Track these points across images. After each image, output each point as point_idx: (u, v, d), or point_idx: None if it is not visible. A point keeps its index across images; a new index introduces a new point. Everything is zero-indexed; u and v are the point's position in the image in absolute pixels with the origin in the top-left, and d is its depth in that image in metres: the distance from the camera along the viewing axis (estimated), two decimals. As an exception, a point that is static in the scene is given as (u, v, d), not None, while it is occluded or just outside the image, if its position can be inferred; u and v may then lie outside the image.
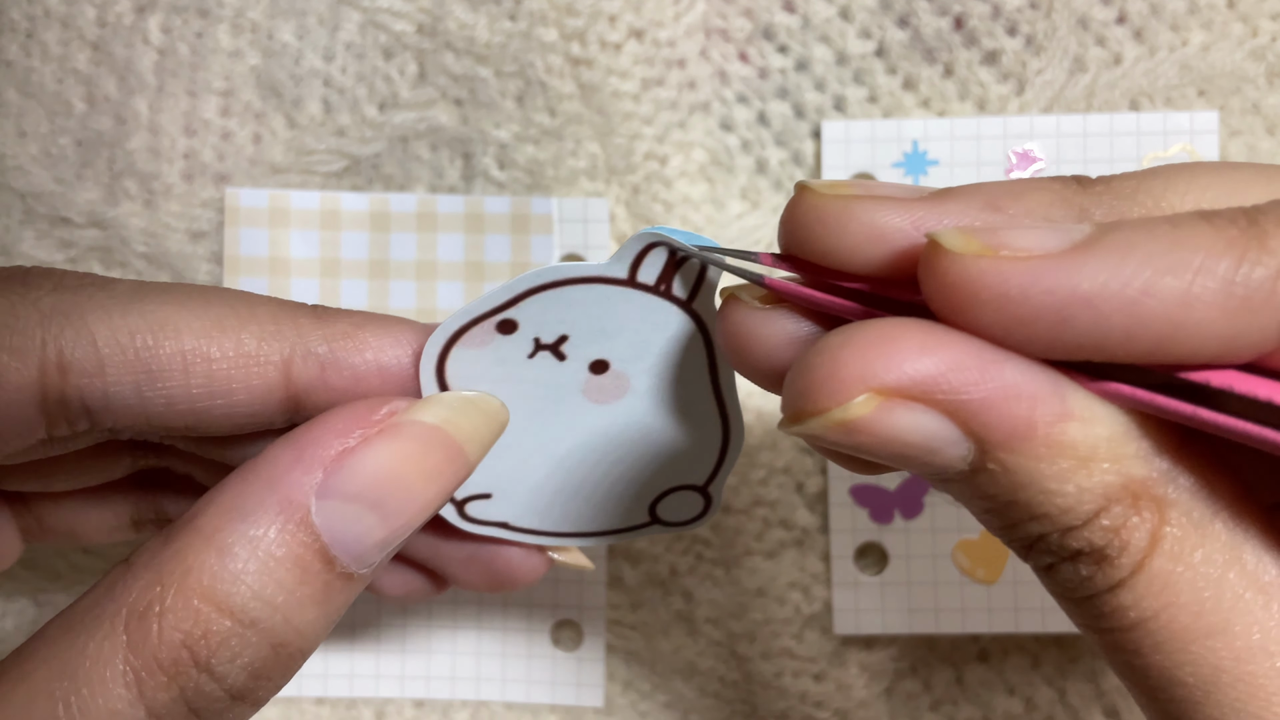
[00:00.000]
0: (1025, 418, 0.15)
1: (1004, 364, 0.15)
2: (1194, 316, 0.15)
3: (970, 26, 0.32)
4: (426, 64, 0.32)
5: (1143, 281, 0.15)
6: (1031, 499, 0.16)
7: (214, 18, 0.32)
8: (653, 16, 0.32)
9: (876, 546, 0.33)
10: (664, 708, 0.33)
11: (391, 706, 0.33)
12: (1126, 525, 0.16)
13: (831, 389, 0.16)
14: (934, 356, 0.15)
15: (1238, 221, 0.15)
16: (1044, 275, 0.15)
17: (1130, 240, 0.15)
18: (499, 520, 0.25)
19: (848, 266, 0.17)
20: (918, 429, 0.16)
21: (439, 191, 0.33)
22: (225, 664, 0.19)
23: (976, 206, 0.17)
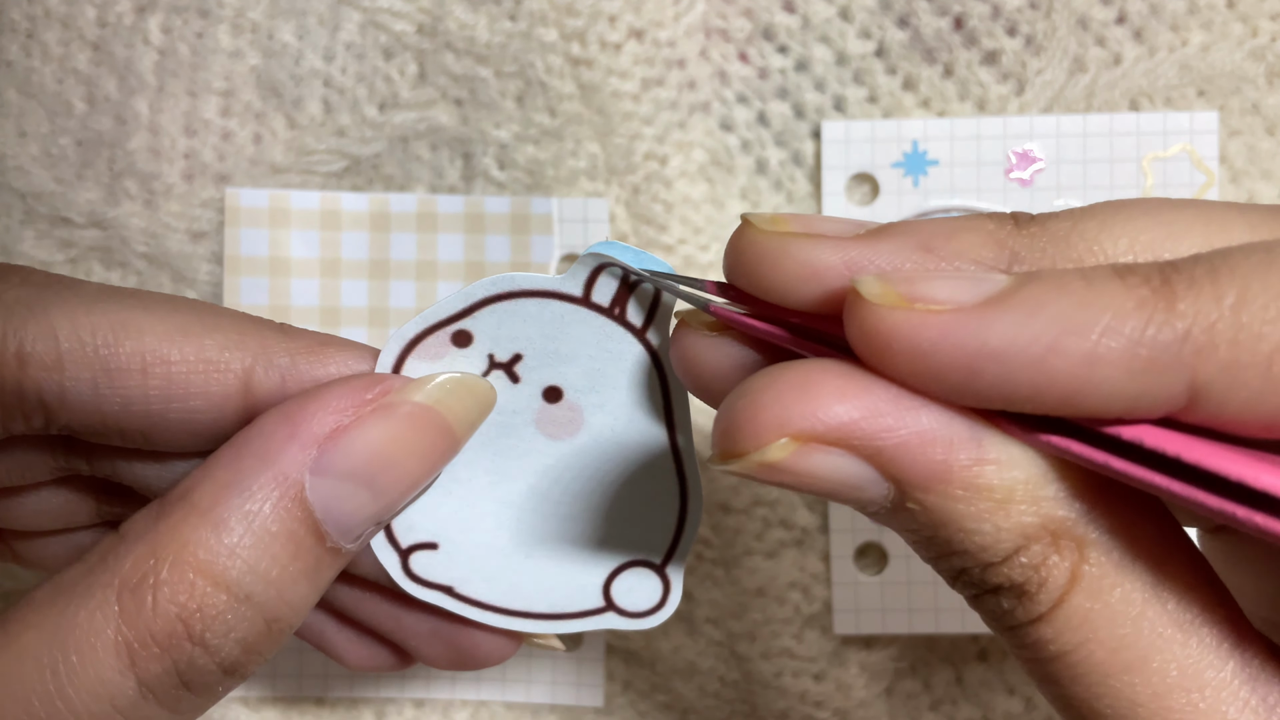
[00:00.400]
0: (941, 462, 0.16)
1: (920, 410, 0.16)
2: (1099, 375, 0.15)
3: (970, 27, 0.32)
4: (427, 64, 0.32)
5: (1049, 340, 0.15)
6: (951, 536, 0.16)
7: (214, 18, 0.33)
8: (653, 17, 0.32)
9: (876, 546, 0.33)
10: (664, 707, 0.33)
11: (392, 706, 0.33)
12: (1045, 563, 0.16)
13: (751, 433, 0.16)
14: (850, 403, 0.16)
15: (1151, 280, 0.15)
16: (955, 330, 0.15)
17: (1040, 297, 0.15)
18: (444, 583, 0.23)
19: (784, 302, 0.18)
20: (836, 471, 0.16)
21: (439, 192, 0.33)
22: (219, 638, 0.19)
23: (909, 247, 0.17)
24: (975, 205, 0.32)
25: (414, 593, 0.23)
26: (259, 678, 0.33)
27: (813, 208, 0.33)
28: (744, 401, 0.16)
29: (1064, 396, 0.15)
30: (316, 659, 0.33)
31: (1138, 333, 0.15)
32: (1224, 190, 0.32)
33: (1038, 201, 0.32)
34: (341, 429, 0.20)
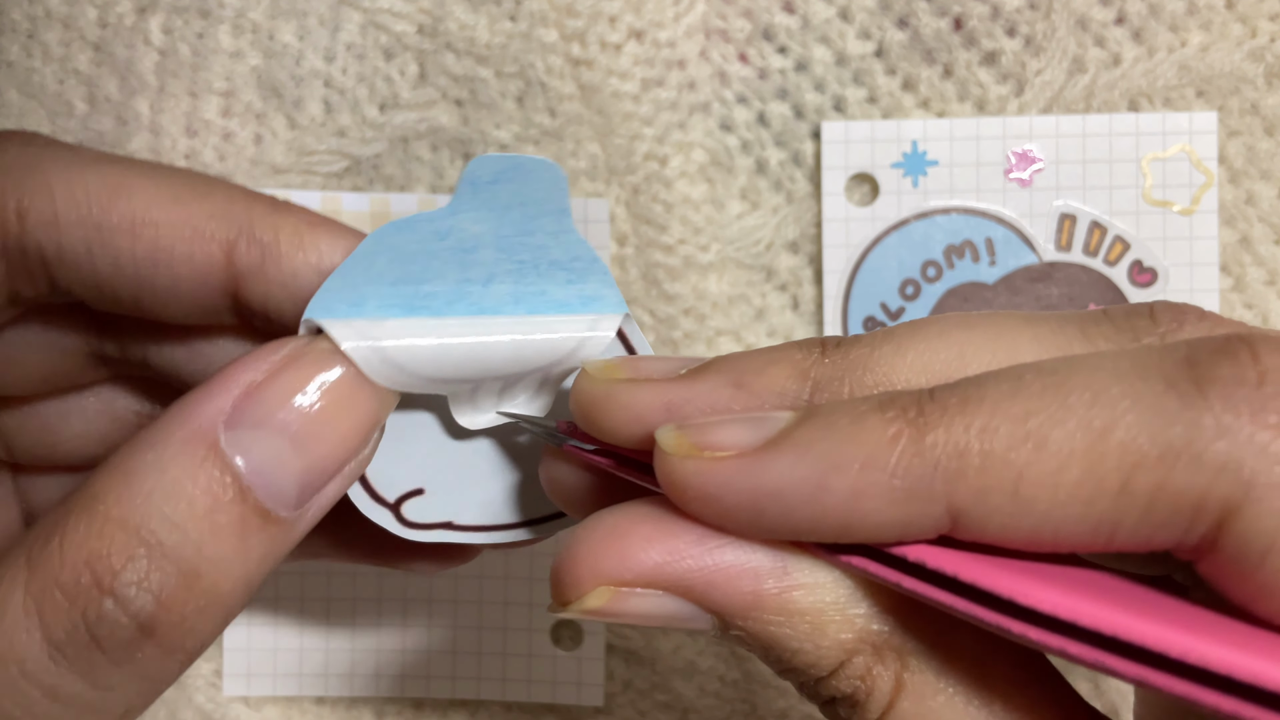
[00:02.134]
0: (750, 593, 0.17)
1: (724, 547, 0.17)
2: (866, 507, 0.16)
3: (969, 27, 0.32)
4: (427, 65, 0.32)
5: (817, 479, 0.16)
6: (779, 656, 0.17)
7: (215, 18, 0.33)
8: (653, 17, 0.32)
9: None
10: (664, 707, 0.33)
11: (391, 705, 0.33)
12: (870, 674, 0.17)
13: (571, 583, 0.17)
14: (657, 547, 0.17)
15: (908, 411, 0.16)
16: (737, 475, 0.17)
17: (809, 436, 0.16)
18: (441, 521, 0.24)
19: (616, 443, 0.19)
20: (658, 609, 0.17)
21: (440, 192, 0.33)
22: (129, 587, 0.18)
23: (722, 385, 0.18)
24: (975, 205, 0.32)
25: (415, 537, 0.24)
26: (260, 677, 0.33)
27: (813, 208, 0.33)
28: (564, 554, 0.18)
29: (839, 528, 0.16)
30: (317, 658, 0.33)
31: (893, 466, 0.16)
32: (1223, 190, 0.32)
33: (1037, 201, 0.32)
34: (255, 384, 0.19)
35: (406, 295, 0.22)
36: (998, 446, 0.15)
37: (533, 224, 0.23)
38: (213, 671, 0.33)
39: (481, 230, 0.23)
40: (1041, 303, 0.32)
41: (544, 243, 0.24)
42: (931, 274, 0.32)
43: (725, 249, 0.33)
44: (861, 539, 0.16)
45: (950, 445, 0.16)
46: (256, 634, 0.33)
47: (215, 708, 0.33)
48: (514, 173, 0.22)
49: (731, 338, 0.33)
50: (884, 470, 0.16)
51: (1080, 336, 0.17)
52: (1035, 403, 0.15)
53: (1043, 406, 0.15)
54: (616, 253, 0.32)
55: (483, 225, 0.23)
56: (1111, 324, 0.17)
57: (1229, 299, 0.32)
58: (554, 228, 0.23)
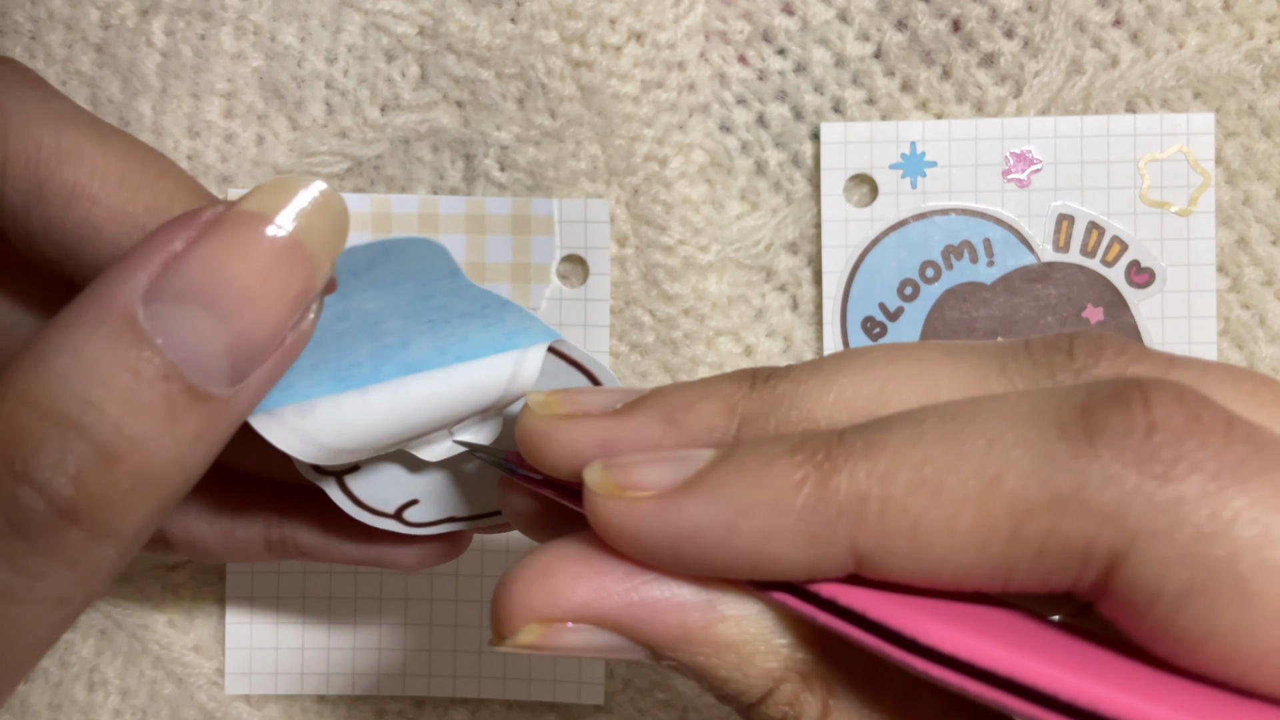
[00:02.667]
0: (678, 626, 0.17)
1: (651, 583, 0.18)
2: (775, 549, 0.16)
3: (968, 29, 0.32)
4: (428, 66, 0.33)
5: (727, 521, 0.17)
6: (712, 684, 0.18)
7: (217, 20, 0.33)
8: (653, 19, 0.33)
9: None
10: (664, 705, 0.33)
11: (392, 704, 0.33)
12: (798, 700, 0.17)
13: (505, 620, 0.18)
14: (585, 584, 0.18)
15: (816, 454, 0.16)
16: (655, 515, 0.17)
17: (722, 479, 0.17)
18: (443, 517, 0.25)
19: (556, 475, 0.20)
20: (591, 642, 0.18)
21: (440, 193, 0.33)
22: (45, 469, 0.17)
23: (655, 420, 0.19)
24: (973, 206, 0.32)
25: (420, 533, 0.25)
26: (261, 675, 0.33)
27: (812, 209, 0.33)
28: (498, 591, 0.18)
29: (751, 567, 0.17)
30: (318, 657, 0.33)
31: (798, 510, 0.16)
32: (1220, 191, 0.32)
33: (1035, 202, 0.32)
34: (174, 254, 0.18)
35: (330, 372, 0.22)
36: (896, 492, 0.16)
37: (428, 289, 0.24)
38: (214, 670, 0.33)
39: (379, 306, 0.23)
40: (1040, 303, 0.32)
41: (447, 301, 0.24)
42: (930, 275, 0.33)
43: (725, 249, 0.33)
44: (774, 578, 0.17)
45: (852, 490, 0.16)
46: (258, 633, 0.33)
47: (217, 706, 0.33)
48: (387, 255, 0.23)
49: (731, 338, 0.33)
50: (789, 514, 0.16)
51: (998, 372, 0.17)
52: (933, 449, 0.16)
53: (940, 453, 0.16)
54: (616, 253, 0.33)
55: (378, 303, 0.23)
56: (1030, 358, 0.17)
57: (1226, 299, 0.33)
58: (451, 287, 0.24)
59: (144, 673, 0.33)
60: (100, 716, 0.33)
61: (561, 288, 0.32)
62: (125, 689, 0.33)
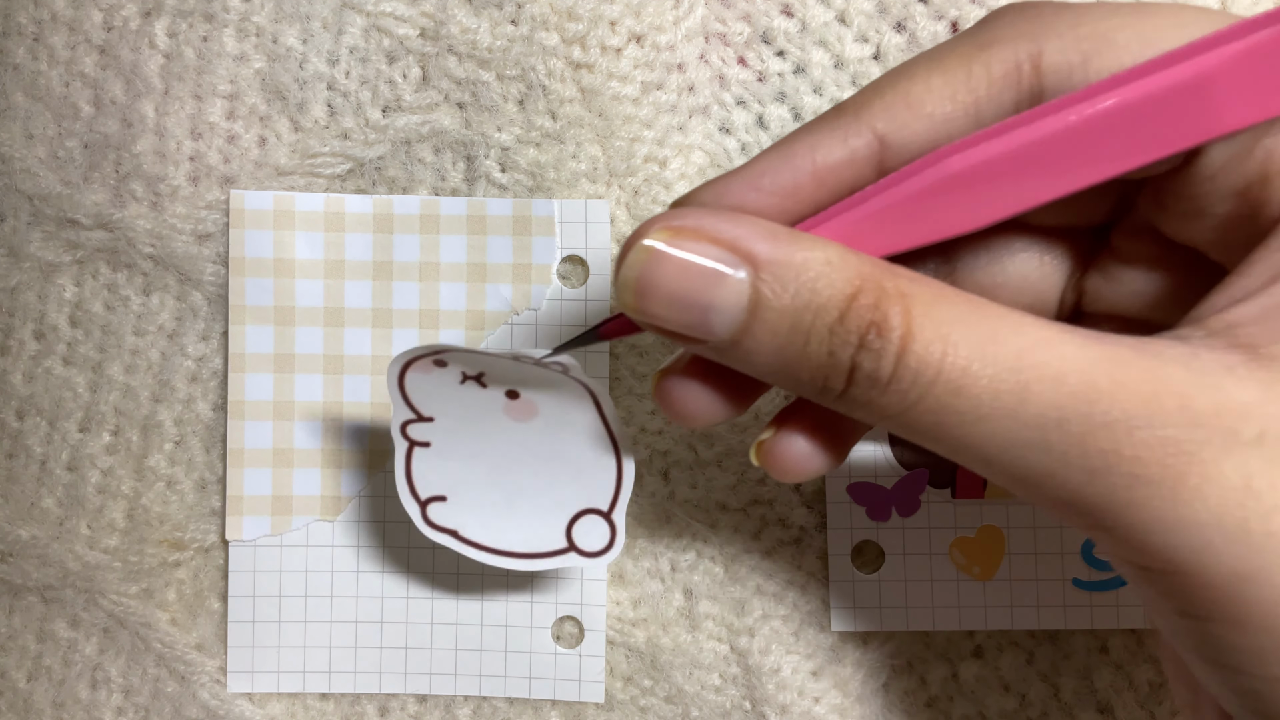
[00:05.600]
0: (772, 237, 0.20)
1: (745, 219, 0.21)
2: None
3: (966, 31, 0.32)
4: (429, 68, 0.33)
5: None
6: (800, 305, 0.20)
7: (219, 22, 0.33)
8: (653, 21, 0.33)
9: (873, 544, 0.33)
10: (665, 702, 0.33)
11: (395, 702, 0.33)
12: (880, 301, 0.20)
13: (638, 235, 0.21)
14: (702, 216, 0.21)
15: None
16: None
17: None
18: (451, 528, 0.30)
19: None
20: (704, 254, 0.20)
21: (442, 194, 0.33)
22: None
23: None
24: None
25: (429, 534, 0.30)
26: (264, 674, 0.33)
27: (811, 210, 0.33)
28: (641, 226, 0.21)
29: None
30: (321, 655, 0.33)
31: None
32: (1216, 192, 0.32)
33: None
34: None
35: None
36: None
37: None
38: (217, 668, 0.33)
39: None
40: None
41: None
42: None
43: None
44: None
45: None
46: (261, 631, 0.33)
47: (220, 704, 0.33)
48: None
49: (731, 338, 0.33)
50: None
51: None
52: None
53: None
54: (617, 254, 0.33)
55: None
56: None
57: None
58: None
59: (147, 671, 0.33)
60: (103, 715, 0.33)
61: (562, 288, 0.33)
62: (128, 687, 0.33)
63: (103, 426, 0.33)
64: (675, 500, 0.33)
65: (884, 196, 0.22)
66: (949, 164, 0.21)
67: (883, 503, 0.33)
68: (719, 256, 0.20)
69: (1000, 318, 0.19)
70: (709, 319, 0.21)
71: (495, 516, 0.30)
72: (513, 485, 0.30)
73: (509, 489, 0.30)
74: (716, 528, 0.33)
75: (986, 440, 0.19)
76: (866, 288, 0.20)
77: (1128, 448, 0.18)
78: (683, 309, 0.21)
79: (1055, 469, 0.19)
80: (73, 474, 0.33)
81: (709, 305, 0.20)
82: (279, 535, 0.33)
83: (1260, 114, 0.20)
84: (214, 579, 0.33)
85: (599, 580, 0.33)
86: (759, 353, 0.21)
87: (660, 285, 0.21)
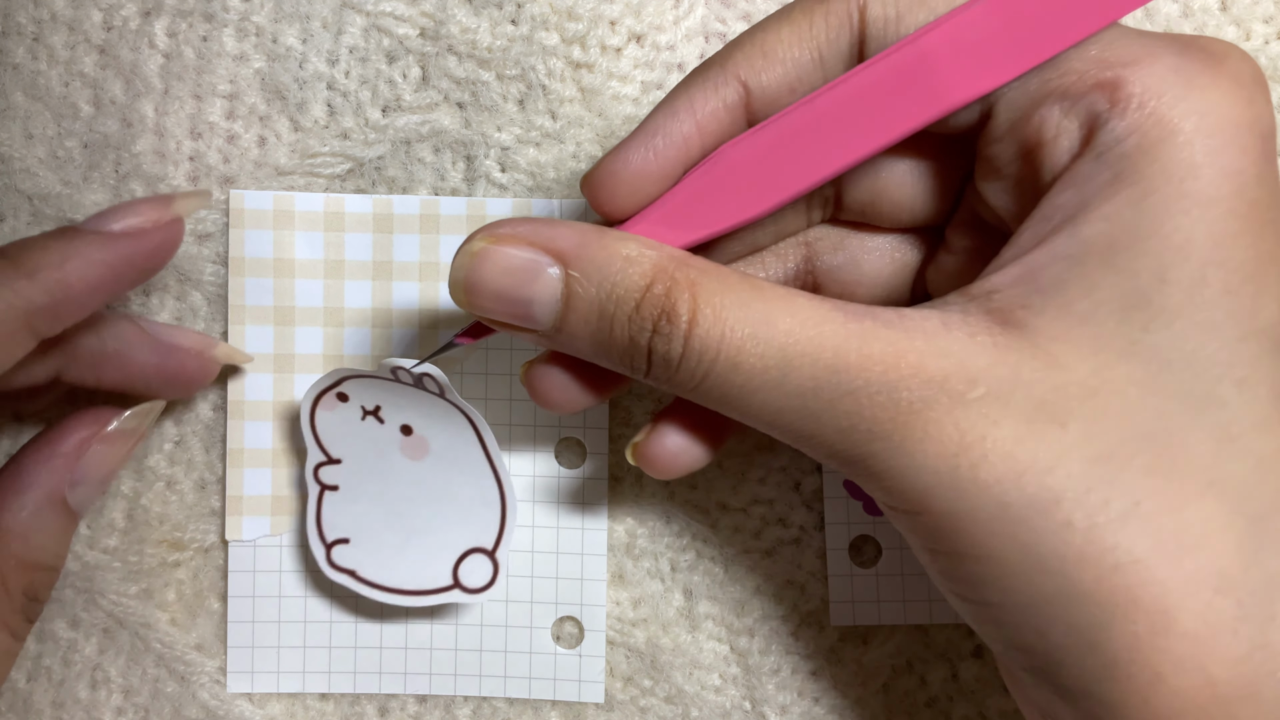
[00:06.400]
0: (580, 236, 0.23)
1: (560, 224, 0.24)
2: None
3: (966, 31, 0.32)
4: (429, 68, 0.33)
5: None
6: (604, 296, 0.23)
7: (219, 22, 0.33)
8: (653, 21, 0.33)
9: (871, 540, 0.33)
10: (665, 702, 0.33)
11: (395, 702, 0.33)
12: (670, 290, 0.23)
13: (466, 242, 0.24)
14: (519, 223, 0.24)
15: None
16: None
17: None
18: (350, 567, 0.32)
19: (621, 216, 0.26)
20: (520, 254, 0.23)
21: (441, 194, 0.33)
22: (44, 591, 0.30)
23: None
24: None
25: (330, 575, 0.32)
26: (264, 674, 0.33)
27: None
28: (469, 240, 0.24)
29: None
30: (321, 655, 0.33)
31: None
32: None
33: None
34: (82, 454, 0.30)
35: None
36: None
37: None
38: (217, 668, 0.33)
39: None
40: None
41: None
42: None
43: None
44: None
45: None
46: (261, 631, 0.33)
47: (219, 704, 0.33)
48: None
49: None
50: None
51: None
52: None
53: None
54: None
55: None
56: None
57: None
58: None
59: (146, 671, 0.33)
60: (103, 715, 0.33)
61: (562, 288, 0.33)
62: (128, 687, 0.33)
63: (102, 426, 0.34)
64: (675, 500, 0.33)
65: (682, 188, 0.25)
66: (727, 155, 0.24)
67: (883, 502, 0.33)
68: (533, 256, 0.23)
69: (774, 300, 0.22)
70: (531, 311, 0.24)
71: (390, 556, 0.32)
72: (408, 526, 0.32)
73: (405, 530, 0.32)
74: (716, 528, 0.33)
75: (761, 408, 0.23)
76: (660, 278, 0.23)
77: (867, 409, 0.22)
78: (507, 303, 0.24)
79: (815, 430, 0.22)
80: (72, 474, 0.33)
81: (530, 299, 0.23)
82: (279, 535, 0.33)
83: (981, 87, 0.23)
84: (213, 579, 0.33)
85: (599, 581, 0.33)
86: (578, 337, 0.24)
87: (485, 283, 0.24)
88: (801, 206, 0.27)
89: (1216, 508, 0.21)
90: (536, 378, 0.26)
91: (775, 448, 0.33)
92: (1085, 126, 0.22)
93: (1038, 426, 0.21)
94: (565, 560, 0.33)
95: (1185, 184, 0.21)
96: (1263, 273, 0.22)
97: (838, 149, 0.24)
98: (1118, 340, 0.22)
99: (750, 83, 0.24)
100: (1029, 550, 0.21)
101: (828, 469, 0.33)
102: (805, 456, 0.33)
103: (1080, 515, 0.21)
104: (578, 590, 0.33)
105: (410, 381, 0.29)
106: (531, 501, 0.33)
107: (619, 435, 0.33)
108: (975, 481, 0.21)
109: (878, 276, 0.28)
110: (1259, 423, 0.22)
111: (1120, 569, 0.21)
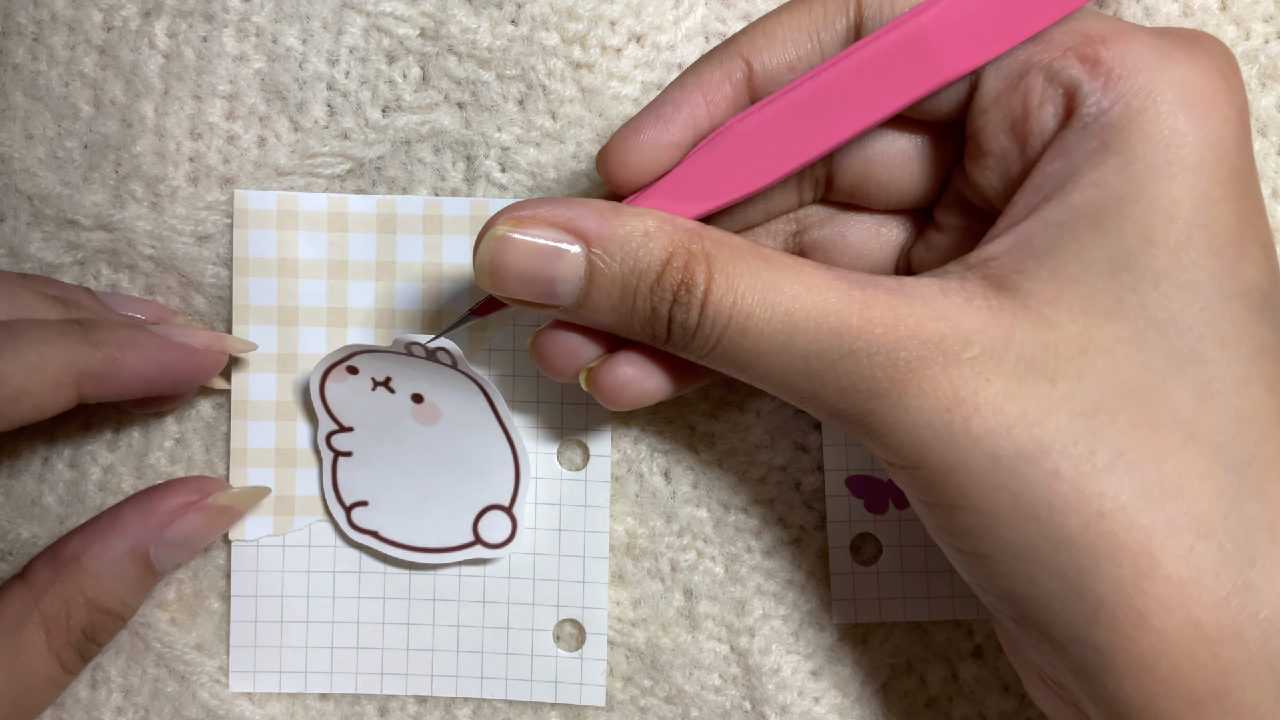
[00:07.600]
0: (600, 215, 0.25)
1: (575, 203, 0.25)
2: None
3: (966, 31, 0.32)
4: (429, 68, 0.33)
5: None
6: (626, 271, 0.24)
7: (219, 22, 0.33)
8: (653, 21, 0.33)
9: (871, 537, 0.33)
10: (666, 703, 0.33)
11: (395, 702, 0.33)
12: (688, 263, 0.24)
13: (487, 227, 0.25)
14: (539, 204, 0.25)
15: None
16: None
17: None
18: (372, 529, 0.33)
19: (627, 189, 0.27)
20: (543, 236, 0.24)
21: (441, 194, 0.33)
22: (103, 636, 0.30)
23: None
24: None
25: (353, 536, 0.33)
26: (265, 674, 0.33)
27: (811, 209, 0.33)
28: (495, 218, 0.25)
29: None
30: (321, 655, 0.33)
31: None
32: (1216, 192, 0.33)
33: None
34: (176, 517, 0.31)
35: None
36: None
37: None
38: (218, 668, 0.33)
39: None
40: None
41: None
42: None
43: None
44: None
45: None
46: (262, 631, 0.33)
47: (220, 704, 0.33)
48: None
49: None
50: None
51: None
52: None
53: None
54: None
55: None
56: None
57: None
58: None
59: (146, 671, 0.33)
60: (103, 714, 0.33)
61: (563, 288, 0.33)
62: (128, 687, 0.33)
63: (104, 424, 0.33)
64: (675, 500, 0.33)
65: (691, 162, 0.26)
66: (735, 129, 0.25)
67: (880, 495, 0.33)
68: (556, 237, 0.24)
69: (782, 268, 0.24)
70: (555, 289, 0.25)
71: (410, 517, 0.32)
72: (424, 487, 0.32)
73: (421, 491, 0.32)
74: (717, 528, 0.33)
75: (769, 370, 0.24)
76: (678, 252, 0.24)
77: (867, 370, 0.23)
78: (531, 284, 0.25)
79: (818, 390, 0.24)
80: (74, 471, 0.33)
81: (553, 278, 0.25)
82: (281, 535, 0.33)
83: (974, 60, 0.24)
84: (214, 579, 0.33)
85: (600, 583, 0.33)
86: (600, 311, 0.25)
87: (510, 266, 0.25)
88: (793, 186, 0.28)
89: (1198, 458, 0.22)
90: (545, 345, 0.27)
91: (775, 445, 0.33)
92: (1067, 96, 0.24)
93: (1028, 383, 0.22)
94: (567, 563, 0.33)
95: (1170, 150, 0.22)
96: (1244, 237, 0.23)
97: (841, 120, 0.25)
98: (1106, 300, 0.23)
99: (752, 62, 0.26)
100: (1018, 499, 0.22)
101: (829, 464, 0.33)
102: (805, 456, 0.33)
103: (1067, 465, 0.22)
104: (579, 593, 0.33)
105: (423, 355, 0.30)
106: (534, 503, 0.33)
107: (621, 438, 0.33)
108: (968, 434, 0.22)
109: (862, 253, 0.29)
110: (1239, 379, 0.23)
111: (1105, 515, 0.22)
